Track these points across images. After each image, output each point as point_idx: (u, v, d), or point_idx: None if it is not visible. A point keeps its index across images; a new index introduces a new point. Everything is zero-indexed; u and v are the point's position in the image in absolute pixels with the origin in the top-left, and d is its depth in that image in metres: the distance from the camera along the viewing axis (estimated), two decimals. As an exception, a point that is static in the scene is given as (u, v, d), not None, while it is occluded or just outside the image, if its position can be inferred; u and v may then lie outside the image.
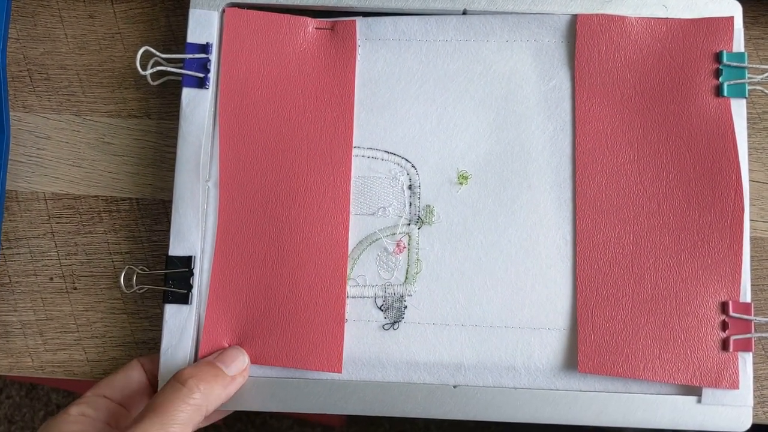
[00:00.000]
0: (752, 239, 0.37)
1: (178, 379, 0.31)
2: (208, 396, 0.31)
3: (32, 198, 0.38)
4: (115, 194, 0.38)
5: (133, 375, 0.34)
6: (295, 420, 0.86)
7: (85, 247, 0.38)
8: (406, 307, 0.35)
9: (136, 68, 0.36)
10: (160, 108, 0.39)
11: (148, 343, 0.37)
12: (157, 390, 0.34)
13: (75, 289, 0.38)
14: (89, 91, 0.39)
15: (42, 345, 0.37)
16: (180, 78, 0.36)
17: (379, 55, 0.37)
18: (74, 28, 0.40)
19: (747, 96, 0.35)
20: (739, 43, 0.36)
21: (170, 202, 0.35)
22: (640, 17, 0.36)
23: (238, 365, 0.33)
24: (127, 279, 0.37)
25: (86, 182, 0.38)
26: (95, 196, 0.38)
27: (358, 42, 0.37)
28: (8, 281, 0.38)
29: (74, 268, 0.38)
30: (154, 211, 0.38)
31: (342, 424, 0.84)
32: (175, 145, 0.36)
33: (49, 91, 0.39)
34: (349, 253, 0.36)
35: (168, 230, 0.35)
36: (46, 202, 0.38)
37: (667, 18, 0.36)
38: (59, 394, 0.89)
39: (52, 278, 0.38)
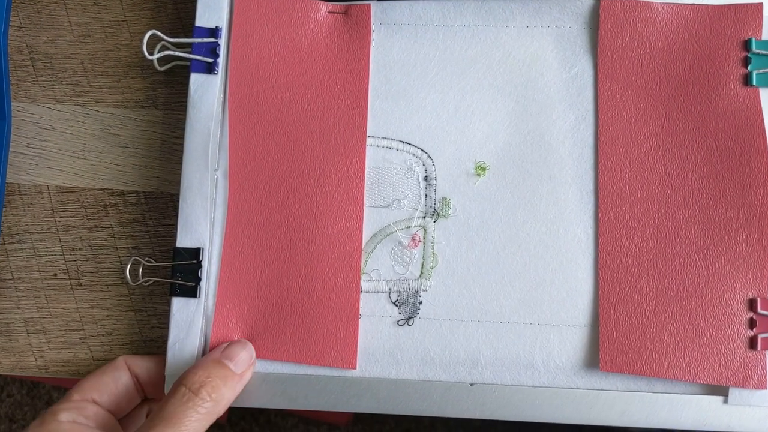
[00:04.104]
0: (779, 234, 0.36)
1: (187, 385, 0.29)
2: (219, 402, 0.30)
3: (35, 191, 0.37)
4: (122, 187, 0.37)
5: (121, 377, 0.32)
6: (300, 418, 0.85)
7: (90, 242, 0.37)
8: (421, 302, 0.34)
9: (142, 57, 0.35)
10: (168, 98, 0.38)
11: (157, 341, 0.36)
12: (142, 393, 0.33)
13: (80, 285, 0.37)
14: (94, 80, 0.38)
15: (46, 343, 0.36)
16: (188, 63, 0.35)
17: (394, 41, 0.36)
18: (79, 16, 0.39)
19: (777, 85, 0.34)
20: (768, 31, 0.35)
21: (178, 195, 0.34)
22: (665, 3, 0.35)
23: (246, 360, 0.32)
24: (134, 272, 0.36)
25: (91, 175, 0.37)
26: (101, 189, 0.37)
27: (373, 27, 0.36)
28: (11, 277, 0.37)
29: (79, 263, 0.37)
30: (162, 204, 0.37)
31: (347, 422, 0.83)
32: (183, 136, 0.35)
33: (52, 80, 0.38)
34: (362, 246, 0.34)
35: (176, 224, 0.34)
36: (49, 195, 0.37)
37: (693, 4, 0.35)
38: (61, 393, 0.88)
39: (56, 274, 0.37)
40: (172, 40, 0.35)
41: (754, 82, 0.34)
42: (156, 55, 0.35)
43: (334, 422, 0.84)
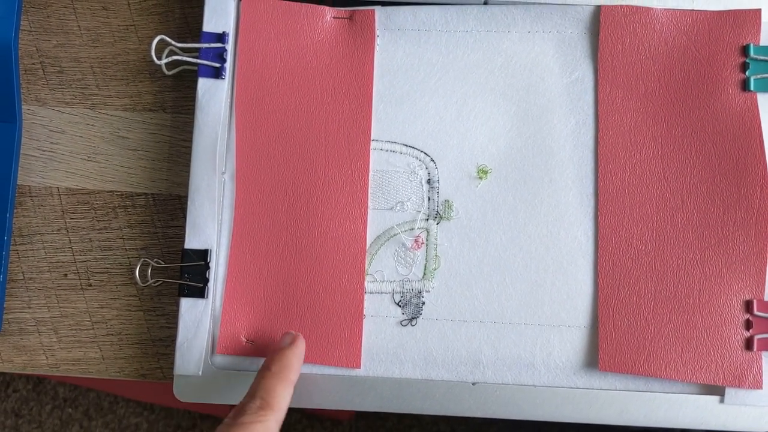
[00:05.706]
0: (777, 236, 0.36)
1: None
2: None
3: (46, 193, 0.38)
4: (130, 189, 0.38)
5: None
6: (303, 414, 0.85)
7: (99, 243, 0.38)
8: (424, 303, 0.35)
9: (150, 61, 0.36)
10: (176, 101, 0.38)
11: (165, 341, 0.37)
12: None
13: (90, 285, 0.37)
14: (103, 84, 0.39)
15: (56, 342, 0.37)
16: (195, 68, 0.36)
17: (398, 46, 0.36)
18: (87, 20, 0.39)
19: (774, 90, 0.35)
20: (766, 37, 0.35)
21: (186, 197, 0.35)
22: (665, 9, 0.36)
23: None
24: (142, 272, 0.36)
25: (101, 177, 0.38)
26: (110, 191, 0.38)
27: (377, 32, 0.37)
28: (22, 277, 0.38)
29: (89, 264, 0.37)
30: (170, 206, 0.38)
31: (350, 418, 0.84)
32: (191, 140, 0.36)
33: (62, 84, 0.39)
34: (366, 248, 0.35)
35: (184, 226, 0.35)
36: (60, 197, 0.38)
37: (693, 10, 0.36)
38: (66, 388, 0.89)
39: (66, 274, 0.37)
40: (179, 45, 0.36)
41: (752, 87, 0.35)
42: (164, 60, 0.36)
43: (337, 418, 0.84)
